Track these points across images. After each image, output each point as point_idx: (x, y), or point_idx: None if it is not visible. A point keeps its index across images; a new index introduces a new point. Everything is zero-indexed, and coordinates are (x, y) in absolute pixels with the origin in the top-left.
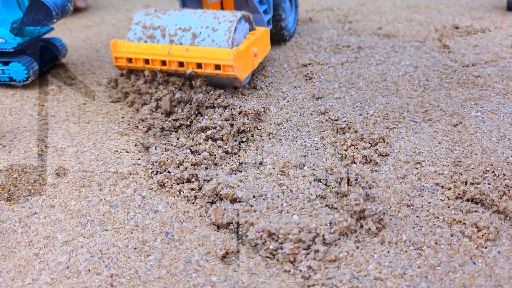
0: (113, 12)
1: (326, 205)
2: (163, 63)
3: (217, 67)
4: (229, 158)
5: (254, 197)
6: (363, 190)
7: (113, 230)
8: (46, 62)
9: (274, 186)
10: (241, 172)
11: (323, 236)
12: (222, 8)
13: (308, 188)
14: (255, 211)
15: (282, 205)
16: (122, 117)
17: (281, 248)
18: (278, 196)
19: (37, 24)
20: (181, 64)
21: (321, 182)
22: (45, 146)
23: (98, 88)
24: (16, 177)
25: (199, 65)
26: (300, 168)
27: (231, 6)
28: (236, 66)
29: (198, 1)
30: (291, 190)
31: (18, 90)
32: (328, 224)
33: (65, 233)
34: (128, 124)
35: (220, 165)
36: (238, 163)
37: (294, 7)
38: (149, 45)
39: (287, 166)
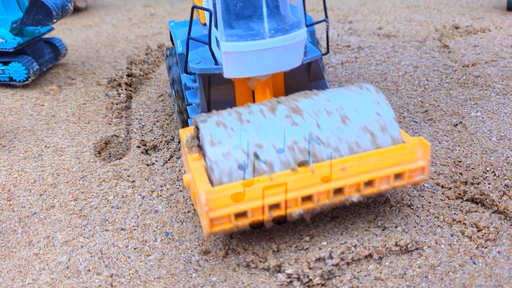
0: (113, 12)
1: None
2: (306, 198)
3: (398, 176)
4: None
5: None
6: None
7: (113, 230)
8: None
9: None
10: None
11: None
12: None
13: None
14: None
15: None
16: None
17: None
18: None
19: (37, 24)
20: (336, 191)
21: None
22: (45, 146)
23: (98, 88)
24: (16, 177)
25: (367, 183)
26: None
27: (281, 80)
28: (428, 164)
29: (225, 85)
30: None
31: (18, 90)
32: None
33: (65, 233)
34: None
35: None
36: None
37: None
38: (276, 176)
39: None
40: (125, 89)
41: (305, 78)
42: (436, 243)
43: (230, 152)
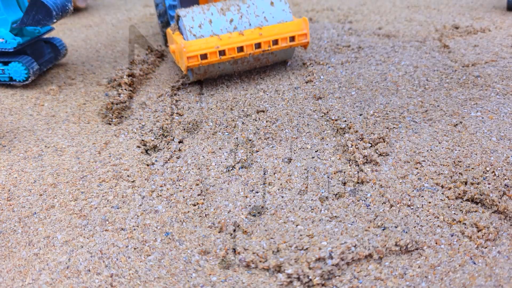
0: (113, 12)
1: (327, 209)
2: (239, 50)
3: (292, 39)
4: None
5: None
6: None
7: (113, 230)
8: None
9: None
10: (241, 176)
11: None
12: None
13: (310, 191)
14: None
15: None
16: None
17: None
18: (281, 198)
19: (37, 24)
20: (256, 46)
21: (322, 186)
22: (45, 146)
23: (98, 88)
24: (16, 177)
25: (274, 42)
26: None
27: None
28: (308, 32)
29: (193, 4)
30: (292, 194)
31: (18, 90)
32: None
33: (65, 233)
34: (129, 124)
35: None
36: (238, 168)
37: None
38: (222, 36)
39: (287, 166)
40: (125, 89)
41: None
42: (436, 243)
43: (197, 23)
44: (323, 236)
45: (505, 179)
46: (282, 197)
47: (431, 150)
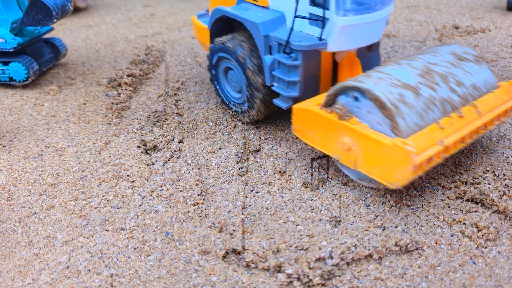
0: (113, 12)
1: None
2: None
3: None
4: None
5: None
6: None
7: (113, 230)
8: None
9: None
10: (241, 177)
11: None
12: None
13: (310, 191)
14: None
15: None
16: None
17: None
18: (281, 198)
19: (37, 24)
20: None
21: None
22: (45, 146)
23: (98, 88)
24: (16, 177)
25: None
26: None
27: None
28: None
29: (312, 61)
30: (292, 194)
31: (18, 90)
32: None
33: (65, 233)
34: (129, 125)
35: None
36: (238, 168)
37: None
38: (442, 123)
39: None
40: (125, 89)
41: (365, 48)
42: (436, 243)
43: (408, 104)
44: (323, 236)
45: (505, 179)
46: (282, 197)
47: None
